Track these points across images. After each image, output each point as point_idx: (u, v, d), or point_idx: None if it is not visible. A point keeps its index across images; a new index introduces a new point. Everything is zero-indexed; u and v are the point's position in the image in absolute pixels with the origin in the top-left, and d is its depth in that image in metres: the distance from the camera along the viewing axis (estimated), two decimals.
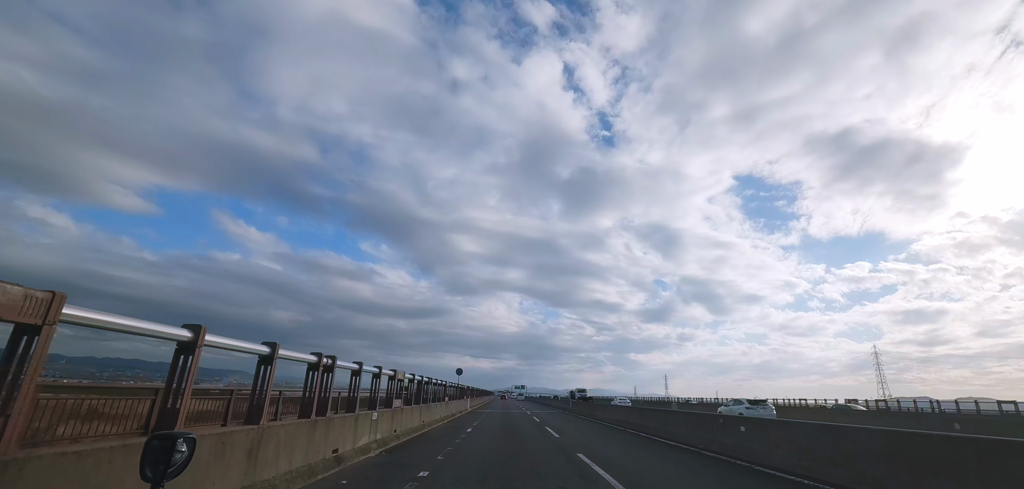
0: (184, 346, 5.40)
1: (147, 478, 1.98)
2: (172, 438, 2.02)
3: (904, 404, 35.30)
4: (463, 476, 8.72)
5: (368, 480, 8.31)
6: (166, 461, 1.99)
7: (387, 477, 8.59)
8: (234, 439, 6.02)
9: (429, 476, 8.64)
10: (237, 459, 6.04)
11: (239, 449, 6.09)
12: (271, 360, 7.14)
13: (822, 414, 35.48)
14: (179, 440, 2.03)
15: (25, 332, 3.59)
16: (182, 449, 2.03)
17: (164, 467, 1.98)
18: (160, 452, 2.00)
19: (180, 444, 2.02)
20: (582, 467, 10.08)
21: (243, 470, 6.16)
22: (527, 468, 9.77)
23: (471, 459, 10.89)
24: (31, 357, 3.57)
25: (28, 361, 3.56)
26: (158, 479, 1.97)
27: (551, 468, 9.83)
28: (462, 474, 8.93)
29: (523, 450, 12.87)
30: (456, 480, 8.34)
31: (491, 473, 9.10)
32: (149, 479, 1.98)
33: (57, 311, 3.72)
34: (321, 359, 9.17)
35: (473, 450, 12.61)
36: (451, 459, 10.83)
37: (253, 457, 6.41)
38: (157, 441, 2.03)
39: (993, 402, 27.27)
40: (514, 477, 8.71)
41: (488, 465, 10.07)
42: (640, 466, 10.46)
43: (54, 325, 3.71)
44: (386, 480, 8.31)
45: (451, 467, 9.69)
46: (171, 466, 2.00)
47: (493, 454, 11.88)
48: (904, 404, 35.30)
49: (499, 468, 9.68)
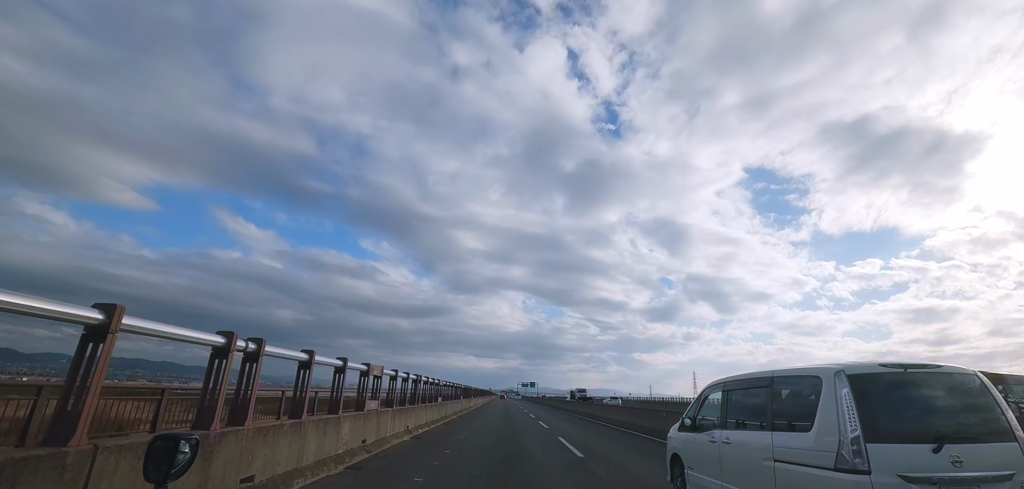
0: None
1: (151, 479, 2.01)
2: (175, 439, 2.05)
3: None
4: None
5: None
6: (169, 462, 2.01)
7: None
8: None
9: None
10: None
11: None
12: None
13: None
14: (182, 441, 2.05)
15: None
16: (185, 450, 2.04)
17: (168, 468, 2.01)
18: (163, 453, 2.02)
19: (183, 445, 2.04)
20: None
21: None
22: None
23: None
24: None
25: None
26: (161, 480, 1.99)
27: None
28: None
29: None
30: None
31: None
32: (153, 480, 2.00)
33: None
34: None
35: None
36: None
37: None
38: (160, 442, 2.05)
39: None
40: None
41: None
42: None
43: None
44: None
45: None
46: (174, 467, 2.01)
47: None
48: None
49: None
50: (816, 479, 3.84)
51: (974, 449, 3.54)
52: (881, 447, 3.53)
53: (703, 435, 5.96)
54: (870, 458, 3.49)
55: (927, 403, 3.82)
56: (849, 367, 3.93)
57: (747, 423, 5.08)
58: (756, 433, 4.81)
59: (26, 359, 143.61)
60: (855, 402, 3.69)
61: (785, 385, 4.64)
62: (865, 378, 3.82)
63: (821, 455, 3.81)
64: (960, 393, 3.87)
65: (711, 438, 5.70)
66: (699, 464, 6.06)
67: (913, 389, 3.87)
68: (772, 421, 4.59)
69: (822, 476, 3.78)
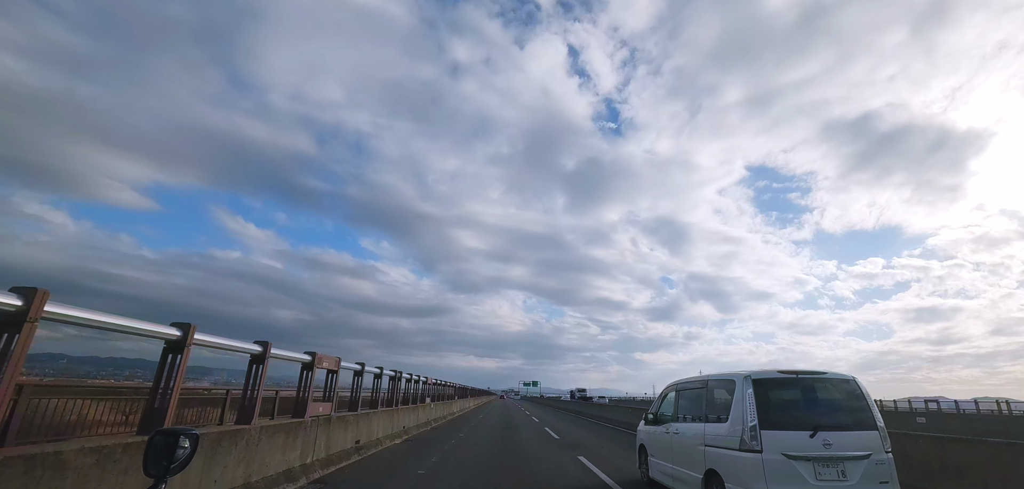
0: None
1: (150, 474, 1.97)
2: (175, 434, 2.01)
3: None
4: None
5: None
6: (169, 457, 1.97)
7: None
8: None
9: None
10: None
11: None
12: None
13: None
14: (181, 437, 2.01)
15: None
16: (185, 445, 2.01)
17: (167, 463, 1.97)
18: (163, 448, 1.98)
19: (182, 441, 2.01)
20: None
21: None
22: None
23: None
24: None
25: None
26: (161, 475, 1.95)
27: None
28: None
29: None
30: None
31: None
32: (152, 475, 1.96)
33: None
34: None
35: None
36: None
37: None
38: (160, 437, 2.01)
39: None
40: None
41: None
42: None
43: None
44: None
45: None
46: (174, 462, 1.98)
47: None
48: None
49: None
50: (729, 457, 5.07)
51: (842, 436, 4.76)
52: (771, 433, 4.75)
53: (661, 427, 7.19)
54: (763, 441, 4.71)
55: (809, 401, 5.04)
56: (754, 373, 5.15)
57: (689, 417, 6.30)
58: (695, 424, 6.03)
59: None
60: (755, 399, 4.91)
61: (715, 386, 5.86)
62: (764, 382, 5.05)
63: (732, 439, 5.04)
64: (837, 393, 5.09)
65: (666, 430, 6.93)
66: (657, 451, 7.29)
67: (800, 390, 5.10)
68: (705, 414, 5.81)
69: (732, 455, 5.01)
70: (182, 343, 5.27)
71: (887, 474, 4.69)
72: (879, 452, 4.75)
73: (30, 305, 3.66)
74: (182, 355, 5.28)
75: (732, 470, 4.98)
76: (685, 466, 6.13)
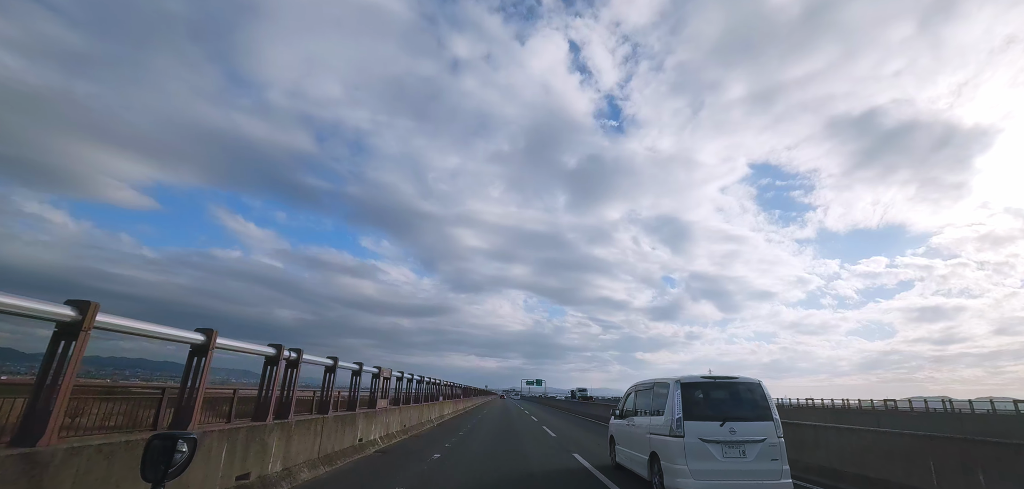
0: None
1: (148, 478, 1.98)
2: (173, 438, 2.02)
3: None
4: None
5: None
6: (167, 461, 1.99)
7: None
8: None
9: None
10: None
11: None
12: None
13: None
14: (180, 440, 2.02)
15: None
16: (182, 449, 2.02)
17: (165, 467, 1.98)
18: (161, 452, 2.00)
19: (180, 444, 2.02)
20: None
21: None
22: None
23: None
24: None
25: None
26: (159, 479, 1.96)
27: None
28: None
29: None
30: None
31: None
32: (150, 480, 1.97)
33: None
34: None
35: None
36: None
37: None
38: (158, 441, 2.03)
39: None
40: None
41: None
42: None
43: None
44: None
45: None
46: (172, 466, 1.99)
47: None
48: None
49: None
50: (663, 442, 6.71)
51: (745, 425, 6.38)
52: (692, 423, 6.38)
53: (624, 421, 8.84)
54: (685, 429, 6.35)
55: (722, 399, 6.68)
56: (684, 378, 6.79)
57: (642, 411, 7.95)
58: (644, 418, 7.67)
59: (27, 359, 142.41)
60: (681, 398, 6.55)
61: (658, 388, 7.51)
62: (688, 384, 6.70)
63: (665, 428, 6.68)
64: (744, 393, 6.73)
65: (627, 423, 8.58)
66: (621, 440, 8.96)
67: (715, 390, 6.74)
68: (651, 409, 7.45)
69: (665, 440, 6.65)
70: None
71: (778, 453, 6.32)
72: (772, 437, 6.38)
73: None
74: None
75: (665, 451, 6.62)
76: (638, 451, 7.77)
